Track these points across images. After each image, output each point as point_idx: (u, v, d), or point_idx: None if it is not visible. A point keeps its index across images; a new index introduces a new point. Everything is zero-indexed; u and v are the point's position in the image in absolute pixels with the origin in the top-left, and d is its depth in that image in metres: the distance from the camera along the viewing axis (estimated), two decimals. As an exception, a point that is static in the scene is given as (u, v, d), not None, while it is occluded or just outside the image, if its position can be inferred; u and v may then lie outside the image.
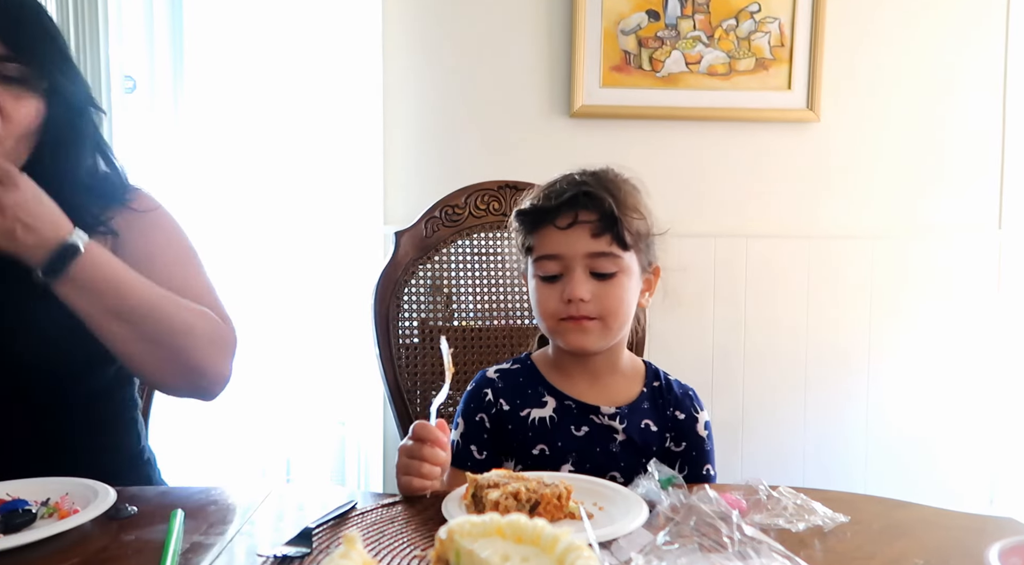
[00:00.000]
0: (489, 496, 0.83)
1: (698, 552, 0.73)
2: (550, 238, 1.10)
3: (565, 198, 1.09)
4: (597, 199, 1.08)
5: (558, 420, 1.12)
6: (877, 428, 2.22)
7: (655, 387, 1.17)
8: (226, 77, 1.98)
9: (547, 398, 1.13)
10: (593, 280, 1.08)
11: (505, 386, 1.15)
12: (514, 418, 1.13)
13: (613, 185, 1.11)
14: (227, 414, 2.01)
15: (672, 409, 1.16)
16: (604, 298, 1.08)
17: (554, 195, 1.10)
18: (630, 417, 1.13)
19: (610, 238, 1.08)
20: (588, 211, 1.08)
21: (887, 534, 0.83)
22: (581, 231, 1.08)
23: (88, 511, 0.83)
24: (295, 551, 0.77)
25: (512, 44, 2.09)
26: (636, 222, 1.10)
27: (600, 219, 1.08)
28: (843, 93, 2.14)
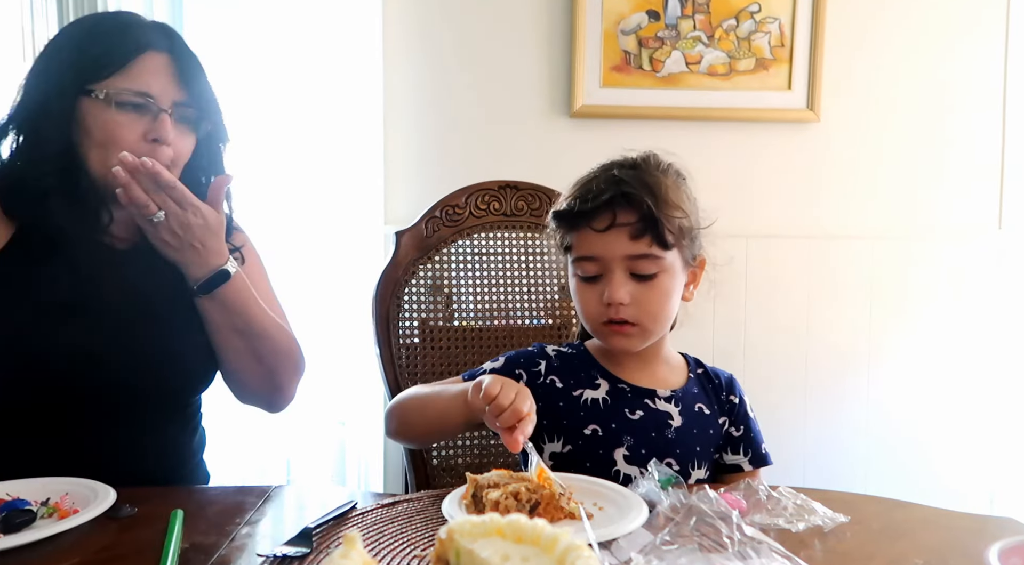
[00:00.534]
0: (489, 496, 0.83)
1: (698, 552, 0.73)
2: (588, 239, 1.07)
3: (602, 200, 1.05)
4: (636, 199, 1.04)
5: (611, 402, 1.11)
6: (877, 428, 2.22)
7: (700, 373, 1.19)
8: (226, 77, 1.97)
9: (600, 380, 1.13)
10: (633, 281, 1.06)
11: (561, 365, 1.15)
12: (566, 397, 1.12)
13: (654, 181, 1.08)
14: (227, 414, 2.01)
15: (726, 393, 1.18)
16: (644, 301, 1.06)
17: (591, 196, 1.07)
18: (684, 400, 1.13)
19: (650, 239, 1.05)
20: (626, 212, 1.05)
21: (887, 534, 0.83)
22: (619, 233, 1.05)
23: (88, 511, 0.83)
24: (295, 551, 0.77)
25: (512, 44, 2.09)
26: (678, 220, 1.07)
27: (639, 220, 1.04)
28: (843, 93, 2.14)
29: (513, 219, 1.53)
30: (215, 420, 1.99)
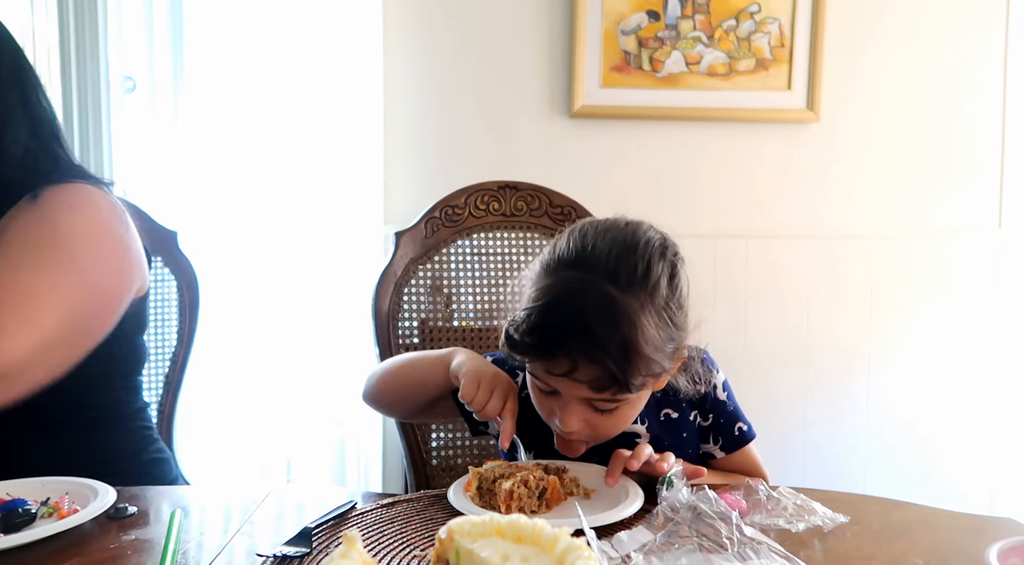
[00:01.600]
0: (503, 486, 0.86)
1: (698, 552, 0.73)
2: (541, 372, 0.94)
3: (563, 348, 0.89)
4: (600, 360, 0.88)
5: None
6: (877, 428, 2.22)
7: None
8: (226, 77, 1.98)
9: None
10: (590, 411, 0.95)
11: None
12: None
13: (629, 323, 0.88)
14: (227, 414, 2.01)
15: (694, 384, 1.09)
16: (603, 428, 0.98)
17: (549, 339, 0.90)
18: (648, 414, 1.08)
19: (614, 389, 0.91)
20: (588, 367, 0.89)
21: (887, 534, 0.83)
22: (578, 383, 0.91)
23: (88, 511, 0.83)
24: (295, 551, 0.77)
25: (512, 44, 2.09)
26: (653, 365, 0.91)
27: (603, 375, 0.89)
28: (843, 93, 2.14)
29: (513, 219, 1.53)
30: (215, 420, 2.00)
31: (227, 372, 1.99)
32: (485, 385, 0.97)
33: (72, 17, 1.79)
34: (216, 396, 1.97)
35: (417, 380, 1.09)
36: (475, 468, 0.91)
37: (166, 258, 1.53)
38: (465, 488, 0.90)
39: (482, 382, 0.98)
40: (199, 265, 1.57)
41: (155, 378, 1.51)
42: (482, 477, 0.90)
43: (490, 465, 0.93)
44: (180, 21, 1.96)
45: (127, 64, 1.91)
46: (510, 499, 0.85)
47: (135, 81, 1.93)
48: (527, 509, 0.86)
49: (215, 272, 1.90)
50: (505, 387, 0.99)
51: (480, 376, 0.99)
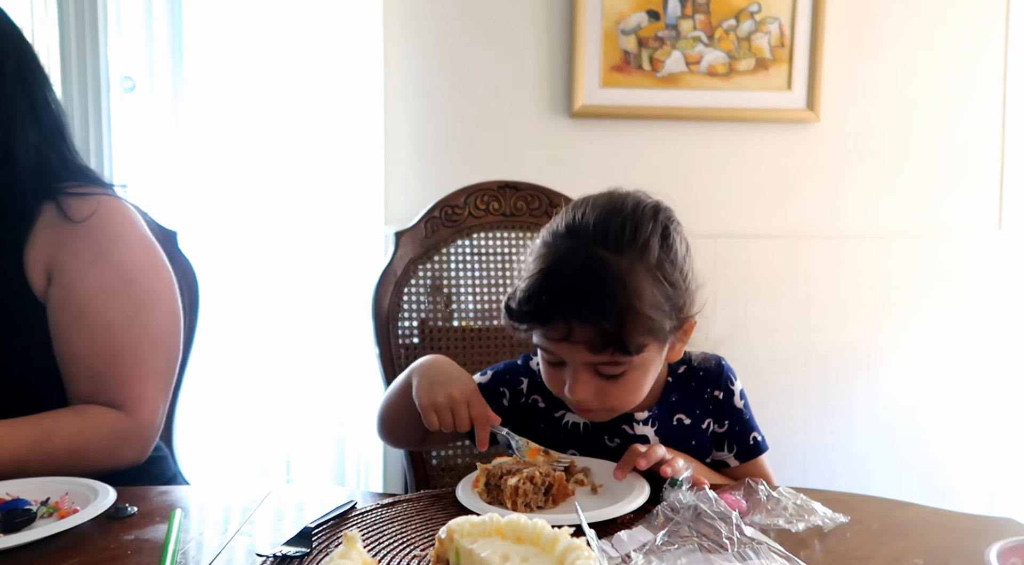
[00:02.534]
0: (508, 482, 0.86)
1: (698, 552, 0.73)
2: (542, 340, 0.96)
3: (556, 312, 0.91)
4: (598, 313, 0.89)
5: (591, 427, 1.07)
6: (877, 428, 2.22)
7: (681, 373, 1.10)
8: (226, 77, 1.98)
9: None
10: (599, 379, 0.96)
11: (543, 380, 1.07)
12: (548, 418, 1.09)
13: (622, 283, 0.90)
14: (227, 414, 2.01)
15: (711, 389, 1.09)
16: (613, 396, 0.97)
17: (541, 304, 0.92)
18: (660, 417, 1.07)
19: (612, 350, 0.91)
20: (583, 327, 0.90)
21: (887, 534, 0.83)
22: (576, 345, 0.92)
23: (88, 511, 0.83)
24: (295, 551, 0.76)
25: (512, 44, 2.09)
26: (651, 322, 0.92)
27: (598, 336, 0.90)
28: (843, 93, 2.14)
29: (513, 219, 1.53)
30: (215, 420, 2.00)
31: (227, 372, 1.99)
32: (443, 409, 0.96)
33: (72, 17, 1.79)
34: (216, 396, 1.97)
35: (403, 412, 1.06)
36: (483, 464, 0.92)
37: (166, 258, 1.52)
38: (473, 484, 0.91)
39: (438, 408, 0.96)
40: (199, 265, 1.57)
41: (155, 378, 1.51)
42: (490, 473, 0.90)
43: (498, 461, 0.93)
44: (180, 21, 1.96)
45: (127, 64, 1.91)
46: (516, 495, 0.86)
47: (135, 81, 1.93)
48: (533, 505, 0.87)
49: (215, 272, 1.90)
50: (462, 403, 0.96)
51: (432, 402, 0.96)
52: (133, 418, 1.04)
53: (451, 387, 0.98)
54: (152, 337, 1.08)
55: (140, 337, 1.06)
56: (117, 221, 1.09)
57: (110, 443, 1.02)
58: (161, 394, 1.07)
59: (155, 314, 1.09)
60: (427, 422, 0.97)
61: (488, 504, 0.86)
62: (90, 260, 1.05)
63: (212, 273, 1.85)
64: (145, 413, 1.05)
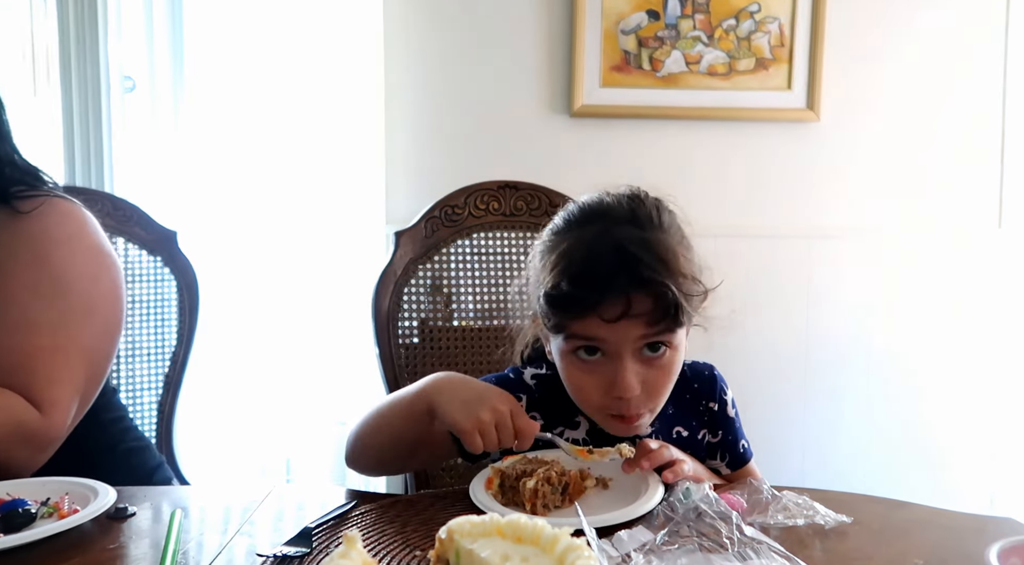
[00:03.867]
0: (527, 485, 0.86)
1: (698, 552, 0.73)
2: (591, 327, 0.90)
3: (615, 287, 0.88)
4: (655, 283, 0.88)
5: (591, 443, 1.02)
6: (877, 428, 2.22)
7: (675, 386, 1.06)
8: (226, 77, 1.98)
9: (580, 418, 1.04)
10: (641, 364, 0.92)
11: (541, 397, 1.05)
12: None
13: (665, 250, 0.91)
14: (227, 414, 2.01)
15: (706, 401, 1.09)
16: (654, 384, 0.94)
17: (598, 280, 0.88)
18: (661, 431, 1.06)
19: (667, 323, 0.90)
20: (642, 298, 0.89)
21: (887, 534, 0.83)
22: (632, 322, 0.89)
23: (88, 511, 0.83)
24: (295, 551, 0.76)
25: (512, 44, 2.09)
26: (694, 292, 0.93)
27: (657, 307, 0.89)
28: (843, 93, 2.14)
29: (513, 219, 1.53)
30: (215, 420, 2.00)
31: (227, 372, 1.99)
32: (489, 427, 0.89)
33: (72, 17, 1.79)
34: (216, 396, 1.97)
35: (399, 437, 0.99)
36: (495, 465, 0.91)
37: (166, 258, 1.53)
38: (486, 486, 0.90)
39: (484, 427, 0.89)
40: (199, 265, 1.57)
41: (155, 378, 1.51)
42: (504, 474, 0.89)
43: (510, 461, 0.92)
44: (180, 21, 1.96)
45: (127, 64, 1.91)
46: (535, 497, 0.86)
47: (135, 81, 1.93)
48: (552, 505, 0.87)
49: (215, 272, 1.90)
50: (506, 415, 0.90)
51: (478, 422, 0.89)
52: (42, 420, 0.98)
53: (491, 402, 0.91)
54: (79, 345, 1.03)
55: (64, 342, 1.02)
56: (63, 224, 1.06)
57: (12, 434, 0.96)
58: (74, 403, 1.02)
59: (87, 322, 1.04)
60: (470, 445, 0.89)
61: (504, 506, 0.86)
62: (28, 261, 1.02)
63: (212, 273, 1.85)
64: (55, 418, 0.99)
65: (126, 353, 1.49)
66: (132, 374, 1.50)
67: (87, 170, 1.84)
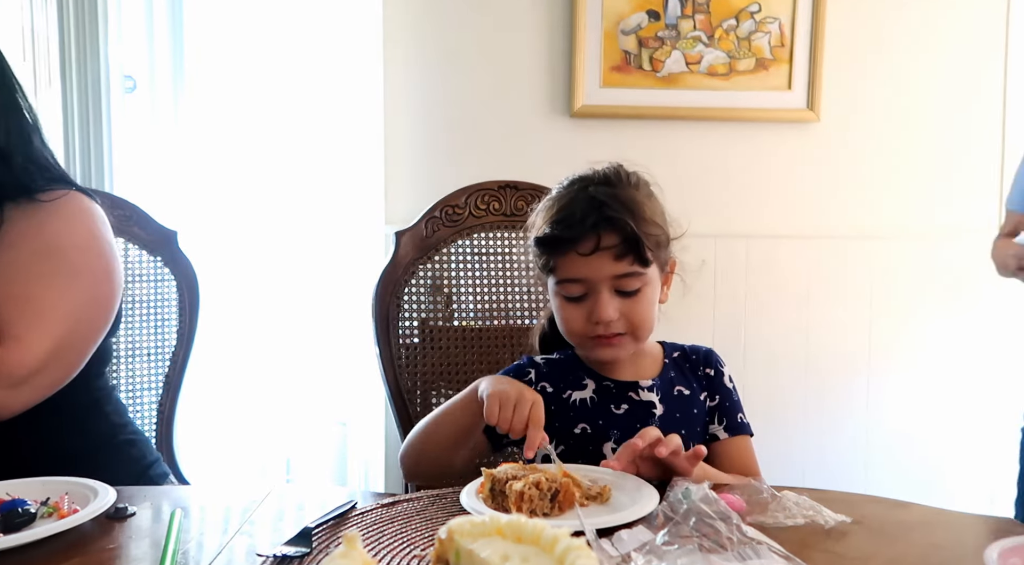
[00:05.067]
0: (514, 487, 0.86)
1: (698, 552, 0.73)
2: (572, 263, 1.10)
3: (586, 225, 1.08)
4: (618, 222, 1.08)
5: (598, 400, 1.16)
6: (877, 428, 2.22)
7: (675, 357, 1.23)
8: (226, 77, 1.98)
9: (587, 380, 1.18)
10: (618, 298, 1.10)
11: (549, 371, 1.20)
12: (557, 400, 1.17)
13: (630, 200, 1.11)
14: (227, 414, 2.01)
15: (703, 367, 1.22)
16: (631, 314, 1.11)
17: (573, 221, 1.09)
18: (663, 388, 1.18)
19: (632, 258, 1.09)
20: (609, 234, 1.08)
21: (887, 534, 0.83)
22: (604, 255, 1.08)
23: (88, 511, 0.83)
24: (295, 551, 0.77)
25: (512, 44, 2.09)
26: (655, 235, 1.12)
27: (622, 242, 1.08)
28: (843, 93, 2.14)
29: (513, 219, 1.53)
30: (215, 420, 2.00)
31: (227, 372, 1.99)
32: (507, 403, 1.01)
33: (72, 17, 1.78)
34: (216, 396, 1.97)
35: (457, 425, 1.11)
36: (488, 469, 0.91)
37: (166, 258, 1.53)
38: (478, 490, 0.90)
39: (503, 401, 1.01)
40: (199, 265, 1.57)
41: (155, 378, 1.51)
42: (495, 478, 0.89)
43: (504, 467, 0.91)
44: (180, 21, 1.96)
45: (127, 64, 1.91)
46: (520, 501, 0.85)
47: (135, 81, 1.93)
48: (539, 511, 0.85)
49: (215, 272, 1.90)
50: (528, 401, 1.02)
51: (502, 396, 1.02)
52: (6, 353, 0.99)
53: (521, 392, 1.03)
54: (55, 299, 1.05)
55: (38, 292, 1.04)
56: (73, 208, 1.11)
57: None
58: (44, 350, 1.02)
59: (70, 283, 1.07)
60: (489, 411, 1.01)
61: (492, 510, 0.85)
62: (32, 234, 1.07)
63: (212, 273, 1.85)
64: (21, 353, 1.00)
65: (126, 353, 1.49)
66: (132, 374, 1.50)
67: (87, 170, 1.84)
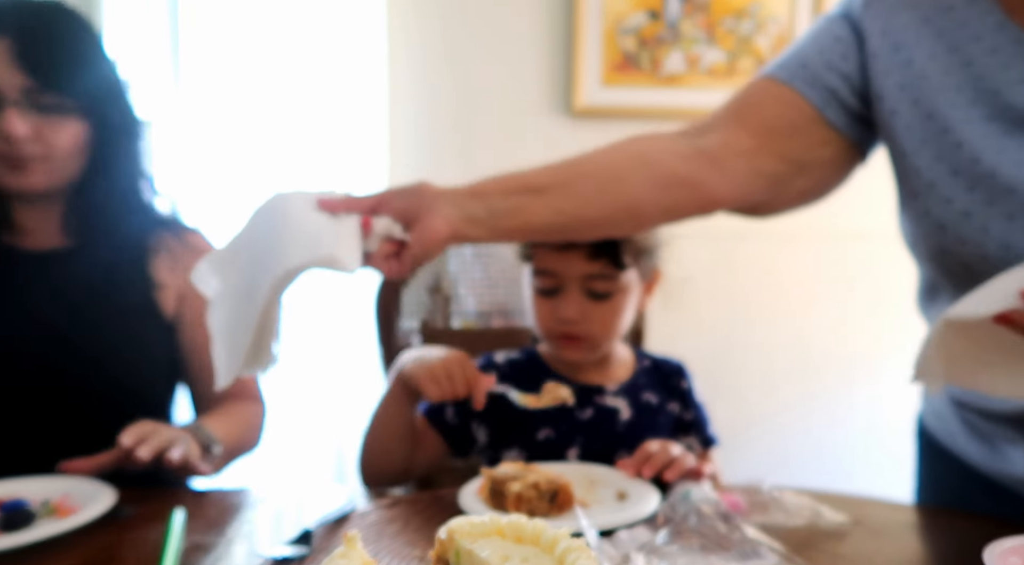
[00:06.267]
0: (512, 488, 0.85)
1: (698, 552, 0.73)
2: (546, 255, 1.09)
3: None
4: None
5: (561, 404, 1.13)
6: (877, 428, 2.22)
7: (646, 365, 1.21)
8: (226, 77, 1.98)
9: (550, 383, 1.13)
10: (587, 300, 1.08)
11: (510, 372, 1.16)
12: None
13: None
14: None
15: (675, 380, 1.21)
16: (596, 320, 1.09)
17: None
18: (630, 393, 1.15)
19: (607, 260, 1.07)
20: None
21: (887, 534, 0.83)
22: (577, 253, 1.07)
23: (88, 511, 0.83)
24: (295, 551, 0.77)
25: (513, 43, 2.09)
26: (637, 241, 1.09)
27: (597, 243, 1.06)
28: (843, 93, 2.14)
29: (513, 219, 1.53)
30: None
31: (227, 372, 1.99)
32: (440, 375, 1.00)
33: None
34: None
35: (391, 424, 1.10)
36: (487, 469, 0.90)
37: (166, 258, 1.52)
38: (478, 491, 0.90)
39: (435, 375, 1.01)
40: (199, 265, 1.56)
41: (155, 378, 1.51)
42: (494, 479, 0.88)
43: (504, 467, 0.91)
44: (176, 19, 1.96)
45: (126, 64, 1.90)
46: (519, 502, 0.84)
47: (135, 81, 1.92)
48: (538, 512, 0.84)
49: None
50: (458, 362, 1.02)
51: (431, 372, 1.01)
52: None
53: (445, 358, 1.03)
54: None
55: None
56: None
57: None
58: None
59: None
60: (428, 394, 1.01)
61: (490, 510, 0.85)
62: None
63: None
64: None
65: (126, 353, 1.49)
66: (132, 374, 1.49)
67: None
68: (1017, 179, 0.80)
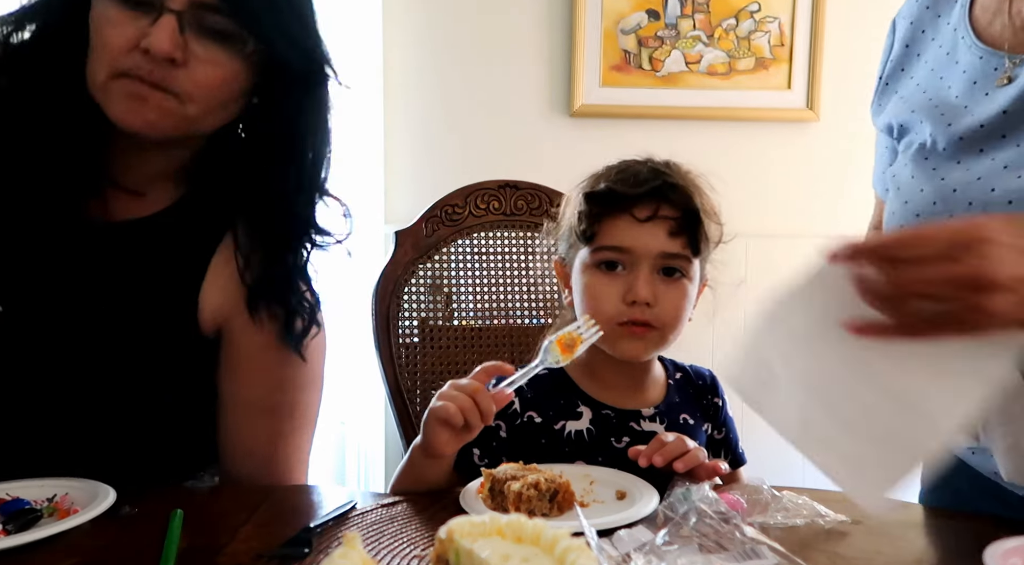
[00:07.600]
0: (512, 488, 0.84)
1: (698, 552, 0.73)
2: (621, 229, 0.99)
3: (648, 187, 0.98)
4: (681, 194, 0.99)
5: (596, 432, 1.03)
6: (877, 428, 2.22)
7: (679, 378, 1.12)
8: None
9: (582, 408, 1.04)
10: (658, 281, 0.99)
11: (536, 395, 1.03)
12: (548, 431, 1.03)
13: (692, 181, 1.03)
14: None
15: (710, 396, 1.12)
16: (667, 303, 0.99)
17: (635, 181, 0.99)
18: (668, 415, 1.06)
19: (685, 240, 0.99)
20: (669, 206, 0.99)
21: (887, 534, 0.83)
22: (659, 227, 0.98)
23: (88, 511, 0.83)
24: (295, 551, 0.76)
25: (512, 44, 2.09)
26: (713, 227, 1.02)
27: (681, 217, 0.98)
28: (843, 93, 2.14)
29: (513, 219, 1.53)
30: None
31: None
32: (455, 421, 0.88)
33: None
34: (216, 396, 1.97)
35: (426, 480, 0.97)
36: (487, 469, 0.89)
37: (166, 258, 1.52)
38: (478, 490, 0.89)
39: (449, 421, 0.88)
40: (199, 265, 1.56)
41: (155, 378, 1.51)
42: (494, 478, 0.88)
43: (504, 467, 0.90)
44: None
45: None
46: (519, 501, 0.83)
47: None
48: (538, 512, 0.83)
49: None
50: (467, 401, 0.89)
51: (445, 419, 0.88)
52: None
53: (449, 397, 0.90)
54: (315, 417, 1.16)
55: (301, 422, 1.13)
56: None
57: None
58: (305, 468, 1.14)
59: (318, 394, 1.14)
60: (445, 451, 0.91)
61: (490, 510, 0.85)
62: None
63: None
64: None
65: (126, 353, 1.49)
66: (132, 374, 1.49)
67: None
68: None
